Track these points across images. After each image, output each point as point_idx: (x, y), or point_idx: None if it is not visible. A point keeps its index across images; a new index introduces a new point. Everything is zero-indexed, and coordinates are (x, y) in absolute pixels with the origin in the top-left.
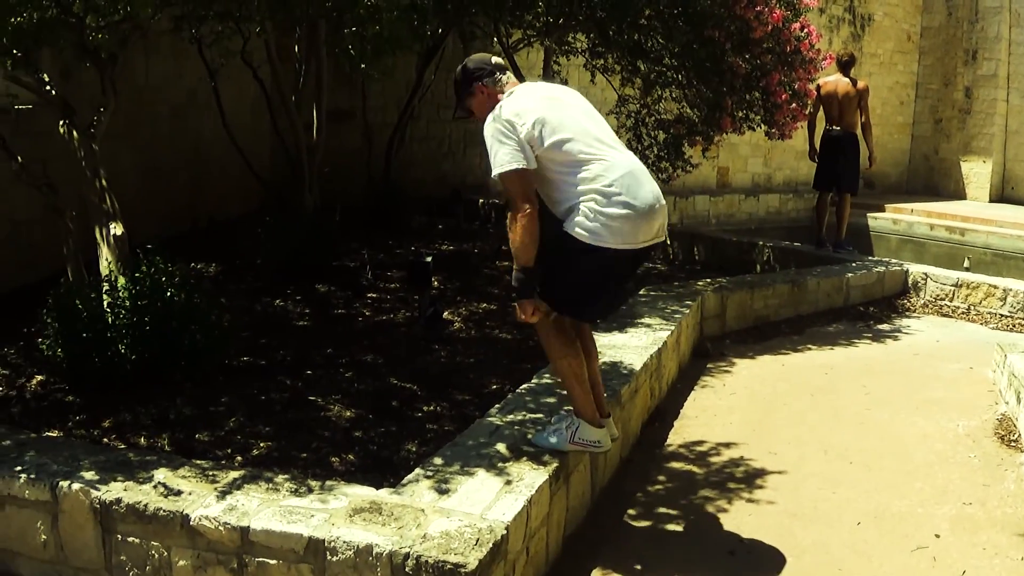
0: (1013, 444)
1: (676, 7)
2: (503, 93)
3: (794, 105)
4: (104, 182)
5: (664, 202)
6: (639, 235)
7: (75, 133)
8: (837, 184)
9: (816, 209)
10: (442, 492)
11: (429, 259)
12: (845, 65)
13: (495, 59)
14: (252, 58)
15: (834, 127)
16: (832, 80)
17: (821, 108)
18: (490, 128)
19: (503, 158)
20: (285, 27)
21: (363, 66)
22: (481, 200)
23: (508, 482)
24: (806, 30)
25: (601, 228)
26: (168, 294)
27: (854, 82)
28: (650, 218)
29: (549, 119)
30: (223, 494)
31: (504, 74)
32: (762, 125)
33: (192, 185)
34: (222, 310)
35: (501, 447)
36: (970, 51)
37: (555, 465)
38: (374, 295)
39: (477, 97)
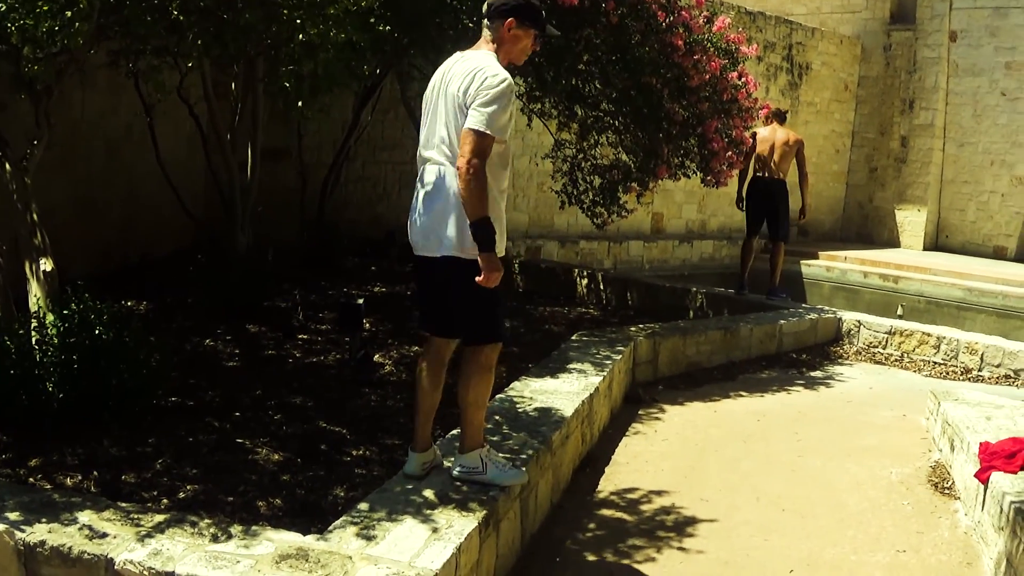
0: (947, 492)
1: (614, 54)
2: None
3: (730, 153)
4: (36, 216)
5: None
6: None
7: (7, 166)
8: (771, 231)
9: (742, 252)
10: (370, 539)
11: (361, 301)
12: (781, 116)
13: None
14: (189, 94)
15: (765, 174)
16: (768, 130)
17: (753, 158)
18: (505, 87)
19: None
20: (222, 63)
21: (299, 104)
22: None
23: (437, 529)
24: (744, 79)
25: None
26: (97, 332)
27: (787, 134)
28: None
29: None
30: (148, 538)
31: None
32: (698, 172)
33: (125, 222)
34: (152, 349)
35: (430, 493)
36: (907, 101)
37: (484, 512)
38: (305, 336)
39: (503, 33)
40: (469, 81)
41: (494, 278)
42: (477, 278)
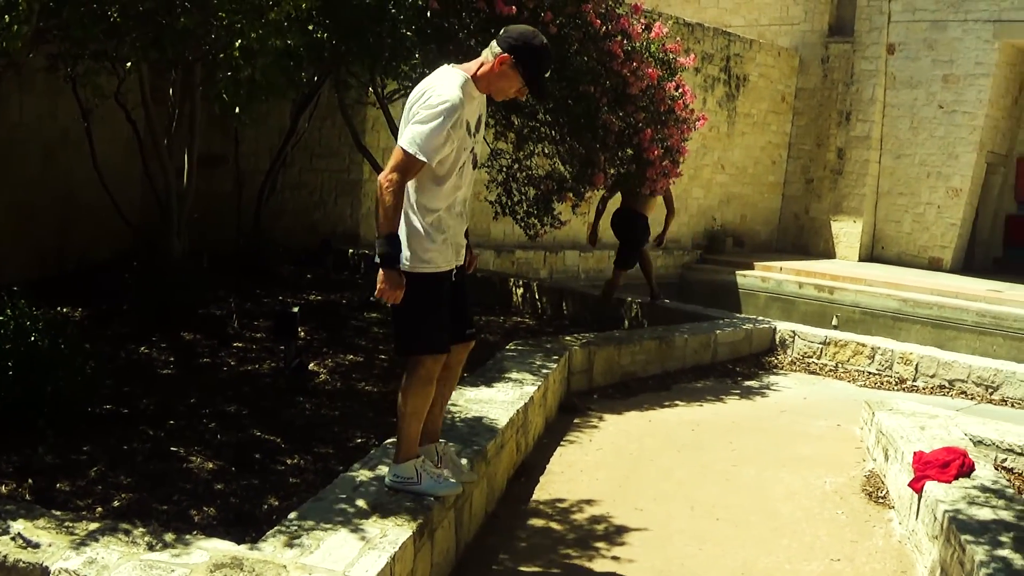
0: (881, 501)
1: (553, 64)
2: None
3: (666, 162)
4: None
5: None
6: None
7: None
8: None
9: (641, 267)
10: (304, 548)
11: (296, 309)
12: None
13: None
14: (126, 99)
15: (632, 208)
16: None
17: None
18: (443, 107)
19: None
20: (160, 68)
21: (237, 110)
22: (351, 250)
23: (371, 538)
24: (681, 90)
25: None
26: (33, 339)
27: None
28: None
29: None
30: (83, 546)
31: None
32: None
33: (62, 227)
34: (87, 356)
35: (364, 503)
36: (844, 112)
37: (419, 521)
38: (240, 344)
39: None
40: (417, 96)
41: (390, 295)
42: (379, 286)
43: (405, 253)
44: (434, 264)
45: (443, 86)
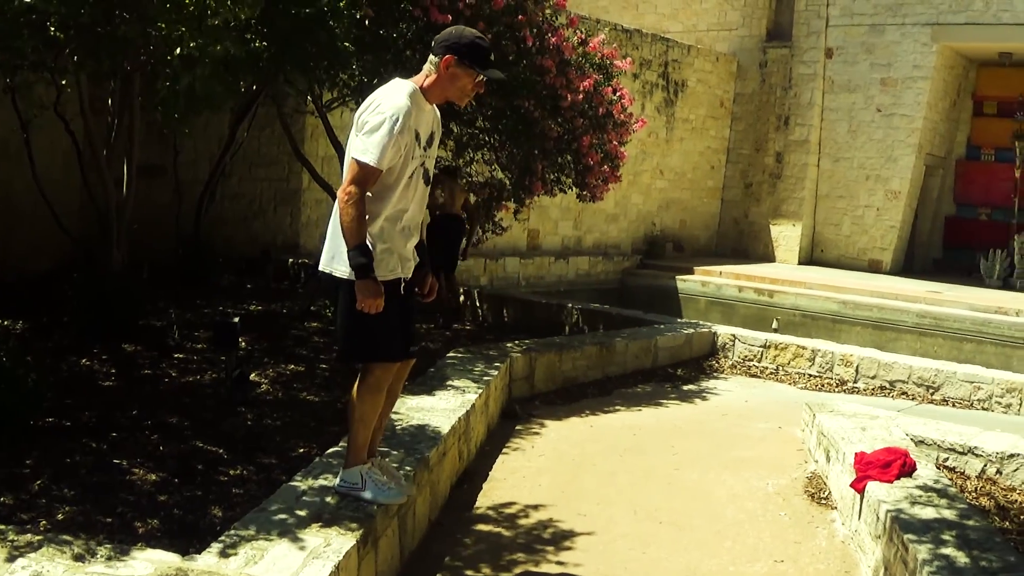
0: (823, 502)
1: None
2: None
3: (605, 168)
4: None
5: None
6: None
7: None
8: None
9: (448, 286)
10: (248, 558)
11: (236, 319)
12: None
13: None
14: (65, 110)
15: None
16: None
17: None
18: (389, 115)
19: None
20: (99, 79)
21: (176, 116)
22: (291, 260)
23: (315, 548)
24: (619, 93)
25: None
26: None
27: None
28: None
29: None
30: (27, 560)
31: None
32: (574, 188)
33: (0, 238)
34: (28, 369)
35: (308, 512)
36: (783, 117)
37: (362, 530)
38: (181, 356)
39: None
40: (363, 108)
41: (368, 304)
42: (359, 302)
43: (341, 260)
44: (380, 272)
45: (391, 95)
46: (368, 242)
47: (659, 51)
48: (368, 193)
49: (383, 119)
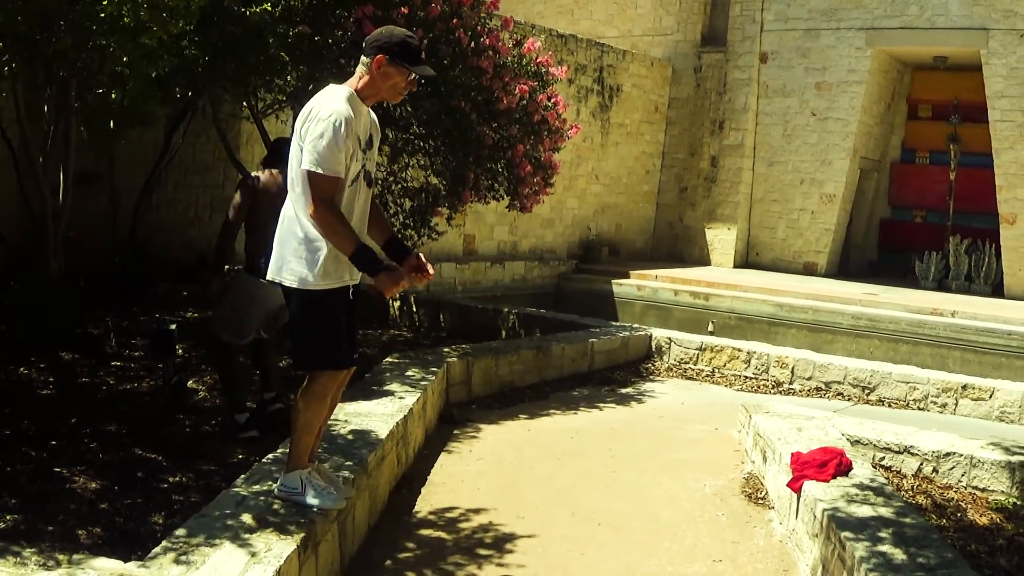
0: (760, 502)
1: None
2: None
3: (538, 178)
4: None
5: None
6: None
7: None
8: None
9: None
10: (190, 564)
11: (173, 327)
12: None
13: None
14: (1, 117)
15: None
16: (268, 173)
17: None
18: (330, 120)
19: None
20: (35, 85)
21: (106, 131)
22: (227, 267)
23: (256, 553)
24: (553, 100)
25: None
26: None
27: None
28: None
29: None
30: None
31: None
32: (506, 196)
33: None
34: None
35: (248, 518)
36: (717, 121)
37: (303, 535)
38: (118, 363)
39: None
40: (303, 119)
41: (395, 289)
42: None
43: (300, 271)
44: (328, 280)
45: (329, 101)
46: (317, 249)
47: (594, 56)
48: (306, 202)
49: (326, 126)
